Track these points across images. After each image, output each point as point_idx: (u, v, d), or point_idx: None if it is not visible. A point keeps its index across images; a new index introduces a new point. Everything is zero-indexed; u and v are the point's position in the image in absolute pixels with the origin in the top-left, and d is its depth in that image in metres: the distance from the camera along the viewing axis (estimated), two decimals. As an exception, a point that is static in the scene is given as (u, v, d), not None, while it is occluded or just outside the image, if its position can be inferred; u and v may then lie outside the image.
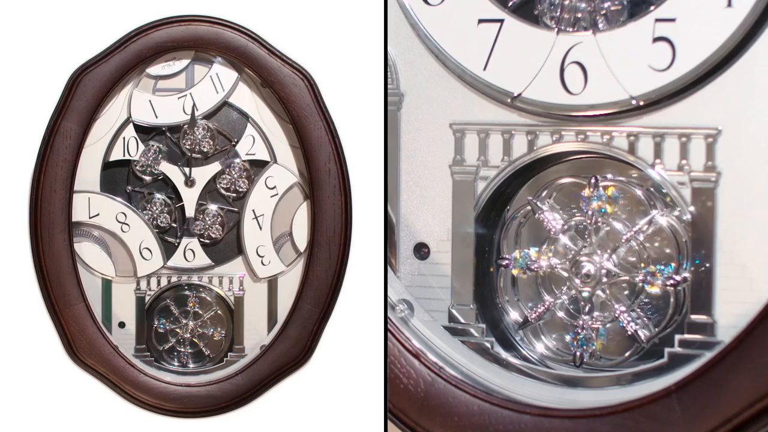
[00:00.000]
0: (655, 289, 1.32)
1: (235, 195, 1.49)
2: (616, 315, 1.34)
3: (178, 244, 1.50)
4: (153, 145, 1.48)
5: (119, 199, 1.48)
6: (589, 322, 1.36)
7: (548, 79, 1.32)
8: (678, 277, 1.30)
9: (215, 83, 1.47)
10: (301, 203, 1.48)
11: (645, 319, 1.34)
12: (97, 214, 1.48)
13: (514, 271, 1.40)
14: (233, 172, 1.49)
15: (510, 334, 1.43)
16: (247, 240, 1.49)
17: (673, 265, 1.30)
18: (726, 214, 1.25)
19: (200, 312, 1.52)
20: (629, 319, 1.34)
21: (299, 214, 1.48)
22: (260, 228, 1.48)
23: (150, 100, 1.47)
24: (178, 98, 1.47)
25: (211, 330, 1.52)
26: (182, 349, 1.52)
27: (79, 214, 1.46)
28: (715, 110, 1.24)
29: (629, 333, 1.34)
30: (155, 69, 1.46)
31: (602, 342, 1.36)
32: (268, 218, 1.48)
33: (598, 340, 1.36)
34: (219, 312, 1.52)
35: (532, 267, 1.39)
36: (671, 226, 1.31)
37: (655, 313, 1.34)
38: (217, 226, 1.49)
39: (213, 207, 1.49)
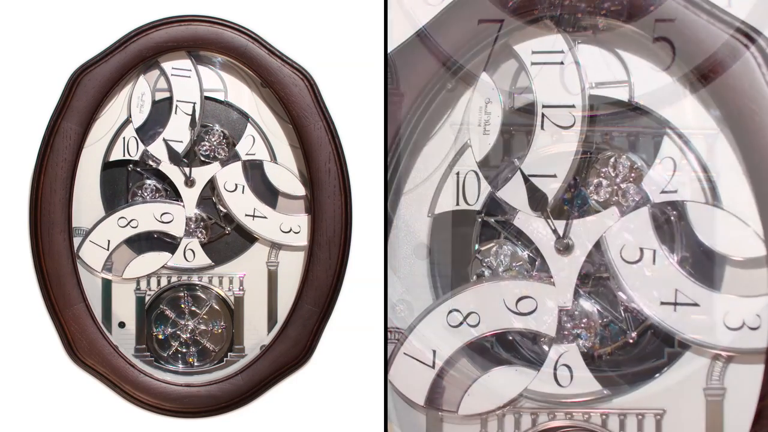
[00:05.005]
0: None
1: (215, 160, 1.48)
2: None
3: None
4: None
5: (111, 212, 1.48)
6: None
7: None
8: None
9: (178, 74, 1.46)
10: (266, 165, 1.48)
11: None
12: (108, 241, 1.48)
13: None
14: (212, 139, 1.48)
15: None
16: (266, 234, 1.48)
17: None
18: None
19: (197, 310, 1.52)
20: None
21: (282, 181, 1.48)
22: (266, 218, 1.48)
23: (163, 138, 1.47)
24: (175, 114, 1.47)
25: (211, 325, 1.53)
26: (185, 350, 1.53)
27: (100, 259, 1.47)
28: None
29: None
30: (137, 118, 1.46)
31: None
32: (265, 208, 1.48)
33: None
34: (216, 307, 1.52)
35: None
36: None
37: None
38: (223, 146, 1.49)
39: (218, 127, 1.49)
